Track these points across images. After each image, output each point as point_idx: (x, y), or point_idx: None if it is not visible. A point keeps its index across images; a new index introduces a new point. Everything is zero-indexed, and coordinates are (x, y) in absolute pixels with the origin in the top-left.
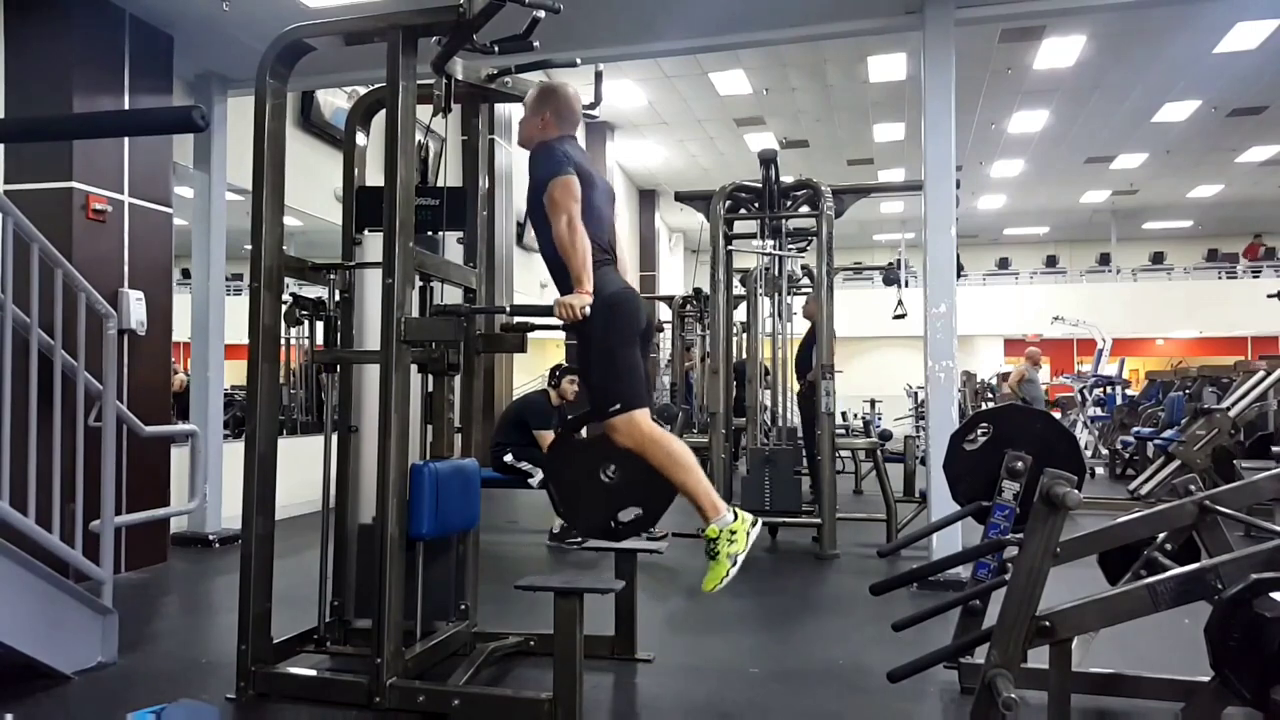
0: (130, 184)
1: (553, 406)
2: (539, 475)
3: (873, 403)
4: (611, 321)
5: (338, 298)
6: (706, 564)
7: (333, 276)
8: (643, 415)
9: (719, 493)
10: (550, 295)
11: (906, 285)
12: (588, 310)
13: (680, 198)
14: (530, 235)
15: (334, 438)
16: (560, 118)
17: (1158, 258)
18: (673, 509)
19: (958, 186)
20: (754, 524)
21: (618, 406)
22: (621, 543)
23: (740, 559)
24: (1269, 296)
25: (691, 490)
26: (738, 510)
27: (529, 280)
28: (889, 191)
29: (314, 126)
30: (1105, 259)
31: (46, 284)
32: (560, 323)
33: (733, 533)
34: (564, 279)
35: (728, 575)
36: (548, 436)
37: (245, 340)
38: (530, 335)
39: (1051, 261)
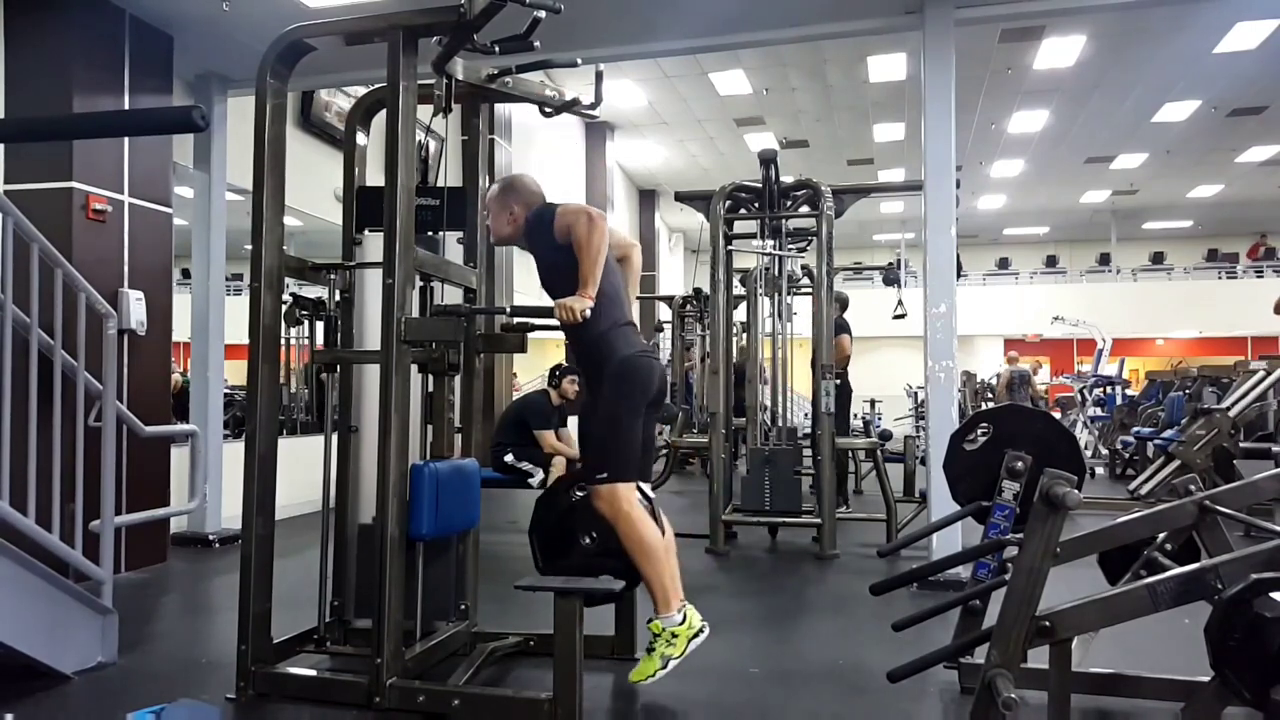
0: (130, 184)
1: (553, 406)
2: (539, 475)
3: (873, 403)
4: (623, 386)
5: (338, 298)
6: (643, 655)
7: (333, 276)
8: (626, 490)
9: (718, 494)
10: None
11: (906, 285)
12: (588, 313)
13: (680, 198)
14: None
15: (334, 438)
16: (529, 205)
17: (1158, 258)
18: (673, 508)
19: (958, 186)
20: (698, 633)
21: (605, 475)
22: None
23: (673, 664)
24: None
25: (650, 580)
26: (688, 612)
27: (529, 280)
28: (889, 191)
29: (314, 126)
30: (1105, 259)
31: (46, 284)
32: (560, 324)
33: (674, 635)
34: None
35: (655, 675)
36: (548, 436)
37: (245, 340)
38: (530, 335)
39: (1051, 261)
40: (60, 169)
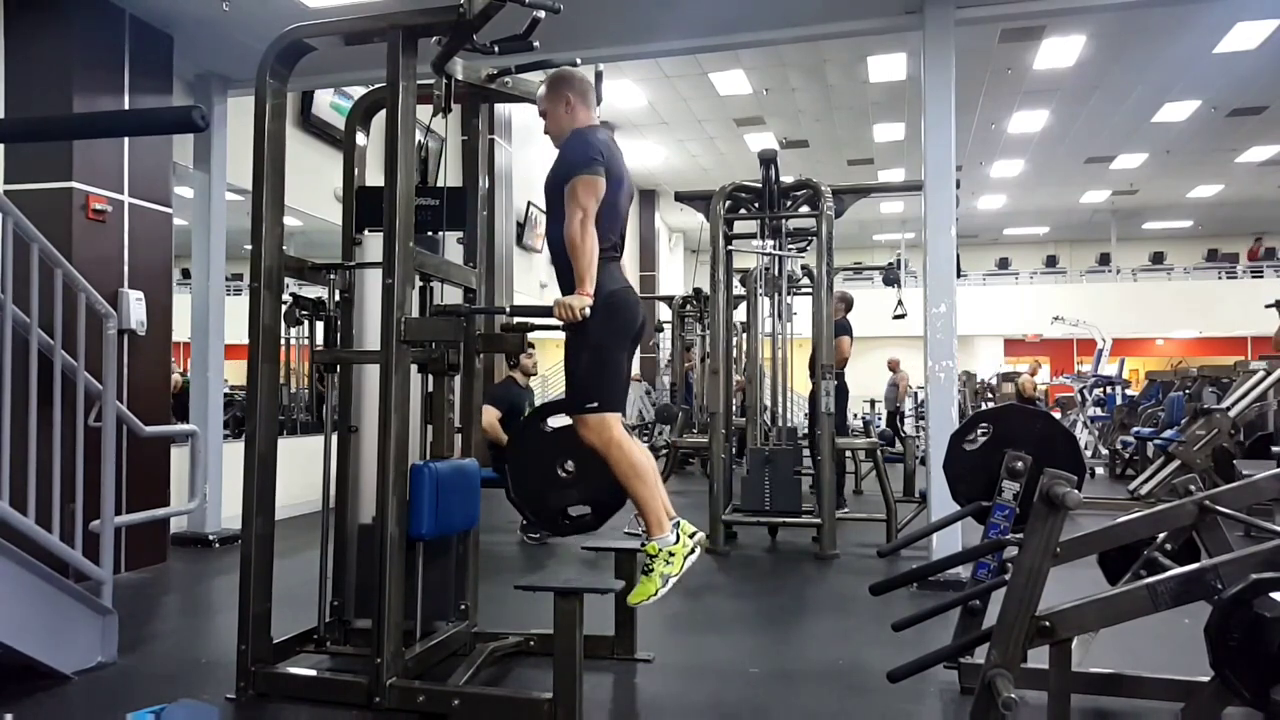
0: (130, 184)
1: (521, 388)
2: None
3: (873, 403)
4: (608, 320)
5: (338, 298)
6: (638, 577)
7: (333, 276)
8: (615, 419)
9: (718, 494)
10: (550, 295)
11: (906, 285)
12: (587, 312)
13: (680, 198)
14: (529, 236)
15: (334, 438)
16: (584, 99)
17: (1158, 258)
18: (675, 507)
19: (958, 186)
20: (693, 550)
21: (595, 405)
22: (612, 546)
23: (672, 581)
24: (1267, 307)
25: (643, 502)
26: (680, 532)
27: (529, 280)
28: (889, 191)
29: (314, 126)
30: (1105, 259)
31: (46, 284)
32: (559, 323)
33: (671, 554)
34: (566, 274)
35: (656, 594)
36: (490, 413)
37: (245, 340)
38: (530, 335)
39: (1051, 261)
40: (60, 169)
